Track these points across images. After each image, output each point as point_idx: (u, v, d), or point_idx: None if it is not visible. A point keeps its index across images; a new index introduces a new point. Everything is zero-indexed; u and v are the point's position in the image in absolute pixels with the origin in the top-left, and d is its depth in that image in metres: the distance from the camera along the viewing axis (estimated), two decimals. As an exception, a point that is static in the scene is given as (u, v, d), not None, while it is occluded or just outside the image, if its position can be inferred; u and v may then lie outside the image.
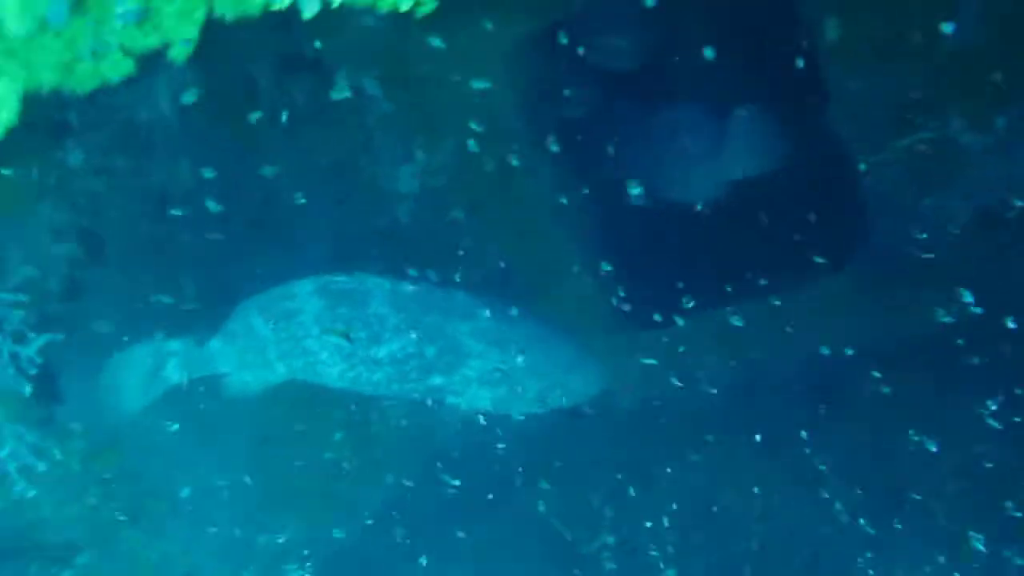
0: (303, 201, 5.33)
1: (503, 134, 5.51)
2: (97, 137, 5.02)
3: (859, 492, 4.54)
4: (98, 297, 5.57)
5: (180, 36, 1.58)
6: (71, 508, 5.16)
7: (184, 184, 5.43)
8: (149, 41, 1.51)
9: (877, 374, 5.09)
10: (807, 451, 4.96)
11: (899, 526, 4.22)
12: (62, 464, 4.76)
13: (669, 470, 5.25)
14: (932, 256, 4.96)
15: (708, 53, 4.47)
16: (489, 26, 5.17)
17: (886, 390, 4.93)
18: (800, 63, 4.84)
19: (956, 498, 4.29)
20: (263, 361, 4.14)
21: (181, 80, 4.94)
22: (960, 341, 4.79)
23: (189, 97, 4.34)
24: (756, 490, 4.94)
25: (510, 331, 4.08)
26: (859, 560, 4.27)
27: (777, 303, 5.51)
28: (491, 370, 4.03)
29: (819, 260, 5.00)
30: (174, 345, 4.27)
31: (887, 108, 4.75)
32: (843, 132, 4.94)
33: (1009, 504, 4.15)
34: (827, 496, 4.67)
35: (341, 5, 2.05)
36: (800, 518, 4.64)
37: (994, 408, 4.50)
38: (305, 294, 4.02)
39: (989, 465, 4.33)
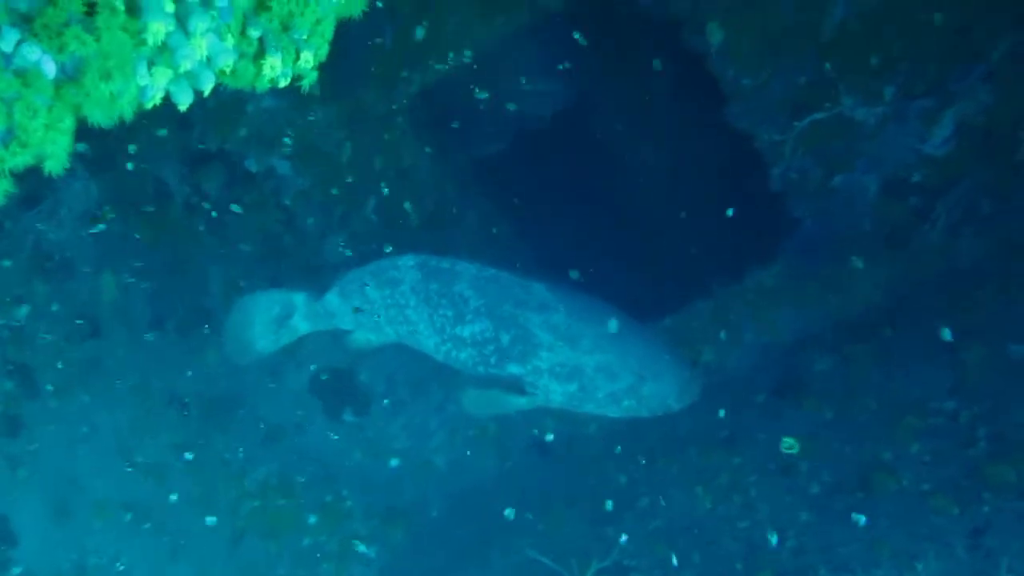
0: (241, 285, 5.34)
1: (419, 187, 5.59)
2: (10, 265, 4.97)
3: (827, 477, 4.58)
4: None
5: (54, 148, 1.57)
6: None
7: (111, 298, 5.36)
8: (19, 160, 1.49)
9: (824, 356, 5.19)
10: (778, 444, 5.00)
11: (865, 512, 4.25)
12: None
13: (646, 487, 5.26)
14: (853, 230, 5.12)
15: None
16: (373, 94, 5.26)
17: (834, 370, 5.03)
18: (694, 74, 5.07)
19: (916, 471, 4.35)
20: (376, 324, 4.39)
21: (85, 194, 4.91)
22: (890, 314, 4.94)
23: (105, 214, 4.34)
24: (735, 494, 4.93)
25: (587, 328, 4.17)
26: (839, 543, 4.28)
27: (717, 300, 5.65)
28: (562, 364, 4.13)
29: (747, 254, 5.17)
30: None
31: (782, 96, 4.93)
32: (745, 126, 5.10)
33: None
34: (801, 482, 4.70)
35: (223, 90, 2.06)
36: (779, 510, 4.65)
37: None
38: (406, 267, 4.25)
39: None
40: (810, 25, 4.63)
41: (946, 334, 4.44)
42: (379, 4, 4.64)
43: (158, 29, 1.69)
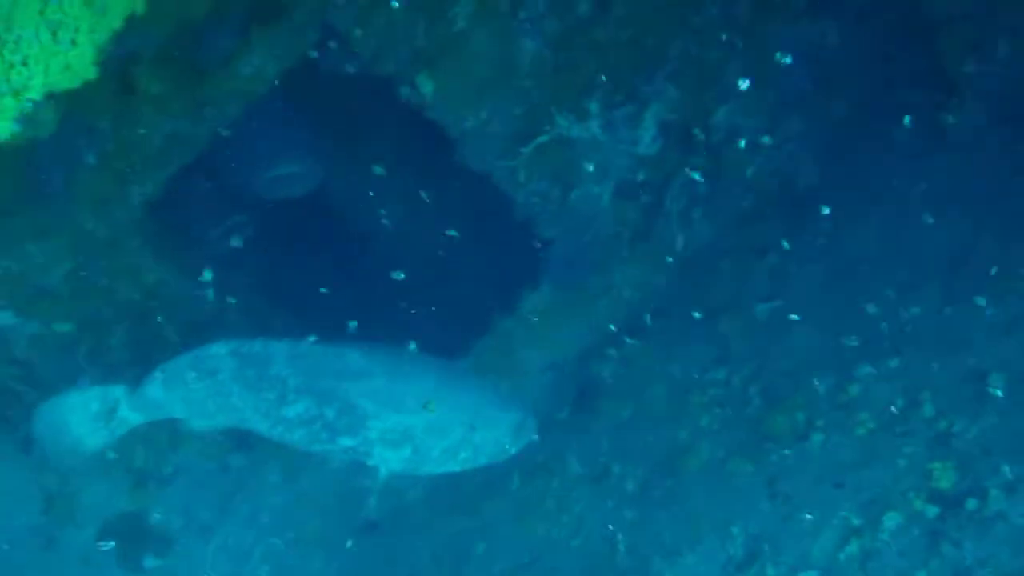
0: None
1: (171, 301, 5.27)
2: None
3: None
4: None
5: None
6: None
7: None
8: None
9: (608, 360, 5.45)
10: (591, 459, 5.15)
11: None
12: None
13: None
14: (600, 237, 5.43)
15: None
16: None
17: (620, 371, 5.29)
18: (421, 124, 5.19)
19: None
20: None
21: None
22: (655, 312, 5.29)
23: None
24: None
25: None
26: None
27: (500, 333, 5.77)
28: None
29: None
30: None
31: (504, 130, 5.15)
32: (479, 164, 5.28)
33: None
34: (617, 484, 4.87)
35: None
36: (606, 516, 4.78)
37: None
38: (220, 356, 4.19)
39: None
40: (509, 60, 4.89)
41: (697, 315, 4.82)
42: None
43: None
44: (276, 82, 4.95)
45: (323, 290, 5.82)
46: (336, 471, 4.64)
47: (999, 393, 3.86)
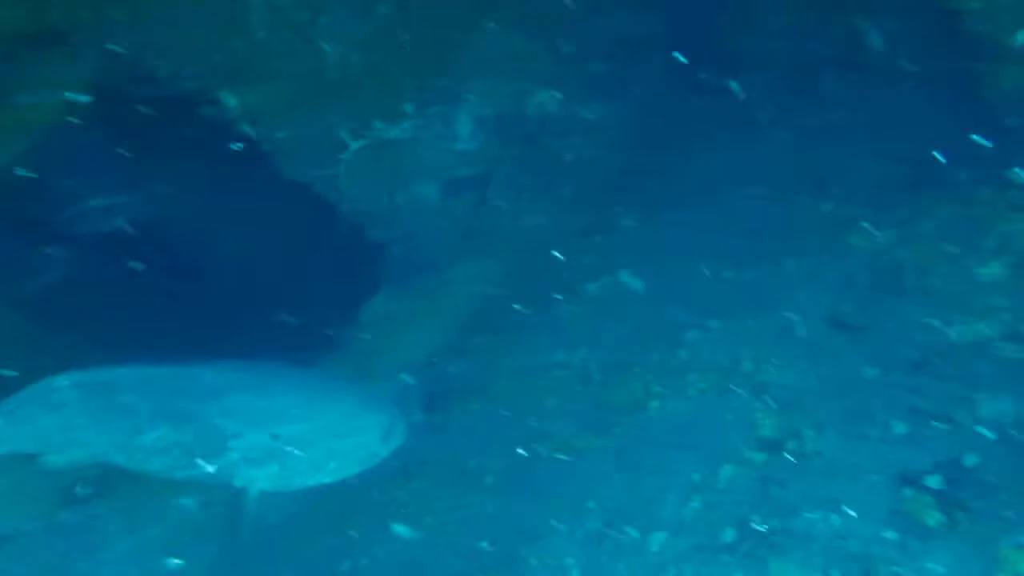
0: None
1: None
2: None
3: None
4: None
5: None
6: None
7: None
8: None
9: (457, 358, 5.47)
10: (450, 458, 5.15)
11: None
12: None
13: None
14: (433, 236, 5.44)
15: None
16: None
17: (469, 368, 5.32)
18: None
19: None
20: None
21: None
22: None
23: None
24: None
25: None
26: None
27: (345, 343, 5.69)
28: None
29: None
30: None
31: (320, 138, 5.07)
32: (300, 175, 5.18)
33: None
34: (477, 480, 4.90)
35: None
36: (469, 515, 4.81)
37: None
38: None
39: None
40: (315, 68, 4.82)
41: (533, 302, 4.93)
42: None
43: None
44: (70, 113, 4.67)
45: (159, 314, 5.57)
46: (188, 505, 4.46)
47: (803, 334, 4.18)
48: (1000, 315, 4.35)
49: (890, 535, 3.55)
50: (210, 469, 3.95)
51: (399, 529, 5.10)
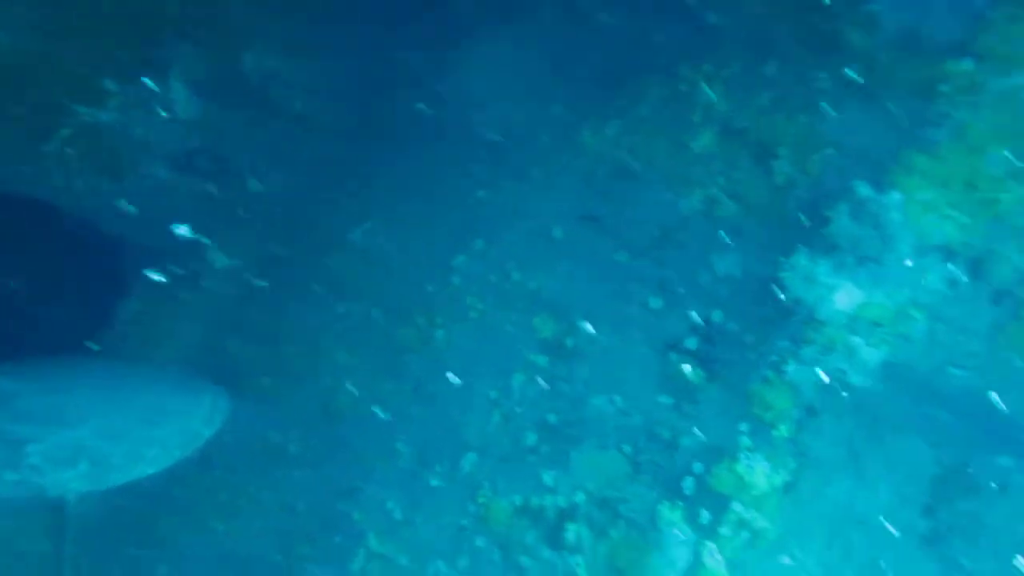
0: None
1: None
2: None
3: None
4: None
5: None
6: None
7: None
8: None
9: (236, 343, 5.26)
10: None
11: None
12: None
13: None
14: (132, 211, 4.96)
15: None
16: None
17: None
18: None
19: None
20: None
21: None
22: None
23: None
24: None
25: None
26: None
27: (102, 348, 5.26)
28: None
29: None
30: None
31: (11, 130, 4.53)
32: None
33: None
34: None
35: None
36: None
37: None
38: None
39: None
40: None
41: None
42: None
43: None
44: None
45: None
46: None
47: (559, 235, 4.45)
48: (717, 179, 4.84)
49: (665, 399, 3.99)
50: (12, 478, 3.67)
51: (213, 521, 4.95)
